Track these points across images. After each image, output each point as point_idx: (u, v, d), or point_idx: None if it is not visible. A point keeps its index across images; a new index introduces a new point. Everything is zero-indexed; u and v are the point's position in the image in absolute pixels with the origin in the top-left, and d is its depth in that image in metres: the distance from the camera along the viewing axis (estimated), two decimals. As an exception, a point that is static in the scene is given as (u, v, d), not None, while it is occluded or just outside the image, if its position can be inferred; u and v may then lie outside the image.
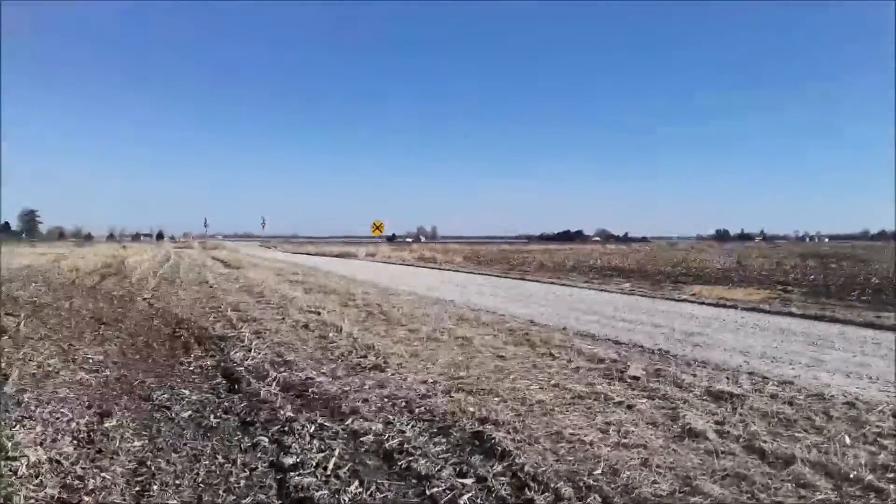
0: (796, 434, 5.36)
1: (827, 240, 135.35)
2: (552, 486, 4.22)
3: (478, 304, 15.45)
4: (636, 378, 7.37)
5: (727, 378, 7.44)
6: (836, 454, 4.81)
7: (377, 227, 53.41)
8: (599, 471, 4.54)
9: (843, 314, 13.58)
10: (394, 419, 5.74)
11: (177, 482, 4.42)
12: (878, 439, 5.23)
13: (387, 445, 5.08)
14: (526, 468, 4.52)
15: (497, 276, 27.85)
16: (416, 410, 6.03)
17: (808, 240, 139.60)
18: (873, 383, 7.43)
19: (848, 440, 5.20)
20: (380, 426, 5.51)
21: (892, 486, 4.24)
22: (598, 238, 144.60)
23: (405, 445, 5.06)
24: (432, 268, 34.78)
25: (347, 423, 5.61)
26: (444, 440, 5.27)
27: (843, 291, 18.60)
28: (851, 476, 4.43)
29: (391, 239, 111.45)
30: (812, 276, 24.48)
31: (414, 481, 4.47)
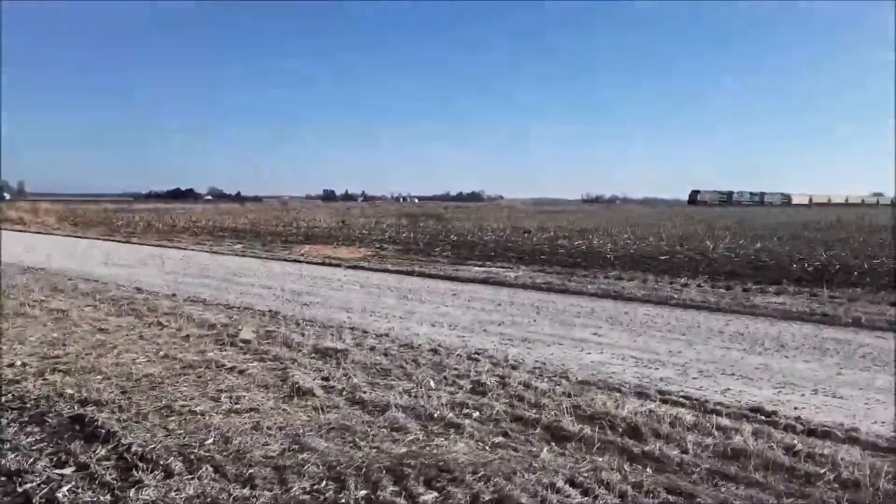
0: (391, 382, 6.01)
1: (417, 200, 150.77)
2: (162, 462, 4.13)
3: (73, 270, 14.01)
4: (247, 342, 7.48)
5: (332, 335, 7.98)
6: (423, 397, 5.54)
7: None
8: (211, 440, 4.57)
9: (429, 269, 15.42)
10: (-31, 413, 5.02)
11: None
12: (456, 380, 6.11)
13: (-38, 444, 4.44)
14: (133, 448, 4.35)
15: (99, 238, 25.47)
16: (2, 400, 5.35)
17: (401, 200, 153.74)
18: (453, 330, 8.63)
19: (433, 383, 6.00)
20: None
21: (466, 421, 5.02)
22: (210, 197, 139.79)
23: (-12, 442, 4.48)
24: (20, 231, 30.34)
25: None
26: (37, 429, 4.79)
27: (430, 248, 20.98)
28: (435, 415, 5.13)
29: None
30: (405, 235, 27.09)
31: (3, 479, 4.00)
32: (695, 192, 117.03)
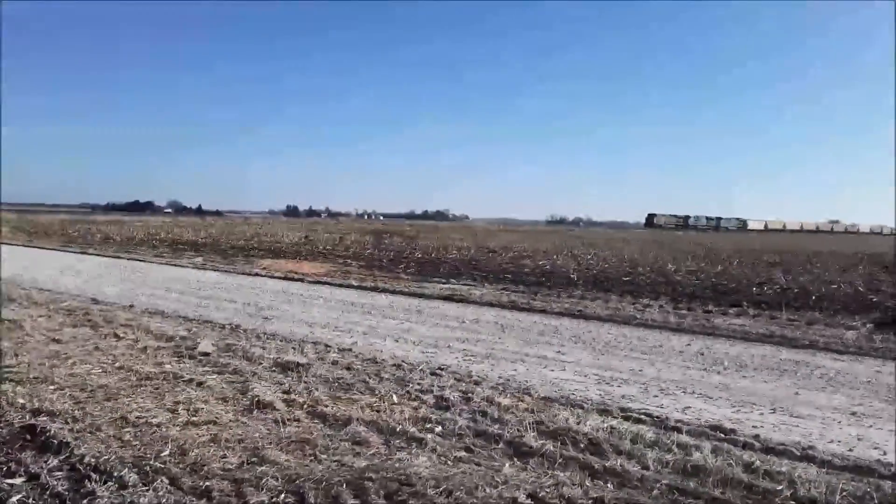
0: (353, 397, 5.95)
1: (382, 217, 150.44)
2: (116, 474, 4.03)
3: (26, 280, 13.66)
4: (207, 354, 7.36)
5: (294, 348, 7.88)
6: (386, 412, 5.49)
7: None
8: (167, 452, 4.47)
9: (394, 285, 15.37)
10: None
11: None
12: (420, 395, 6.08)
13: None
14: (87, 459, 4.23)
15: (55, 249, 24.92)
16: (-52, 409, 5.17)
17: (366, 217, 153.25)
18: (416, 346, 8.59)
19: (396, 398, 5.96)
20: None
21: (429, 436, 4.99)
22: (170, 210, 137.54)
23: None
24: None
25: None
26: (-13, 439, 4.63)
27: (394, 265, 20.91)
28: (398, 430, 5.08)
29: None
30: (369, 251, 26.98)
31: (-54, 490, 3.86)
32: (651, 216, 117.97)
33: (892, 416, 6.03)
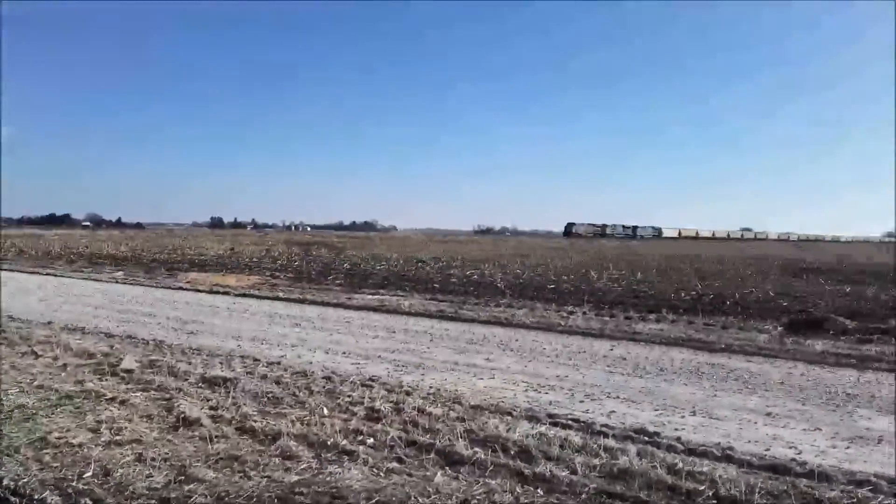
0: (283, 411, 5.89)
1: (309, 228, 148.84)
2: (37, 497, 3.90)
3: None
4: (130, 371, 7.15)
5: (221, 363, 7.74)
6: (316, 425, 5.46)
7: None
8: (90, 473, 4.33)
9: (321, 297, 15.25)
10: None
11: None
12: (350, 407, 6.07)
13: None
14: (5, 482, 4.08)
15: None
16: None
17: (293, 228, 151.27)
18: (346, 358, 8.55)
19: (326, 411, 5.92)
20: None
21: (360, 448, 4.99)
22: (88, 223, 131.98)
23: None
24: None
25: None
26: None
27: (322, 276, 20.73)
28: (329, 443, 5.06)
29: None
30: (297, 263, 26.65)
31: None
32: (570, 225, 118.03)
33: (805, 416, 6.36)
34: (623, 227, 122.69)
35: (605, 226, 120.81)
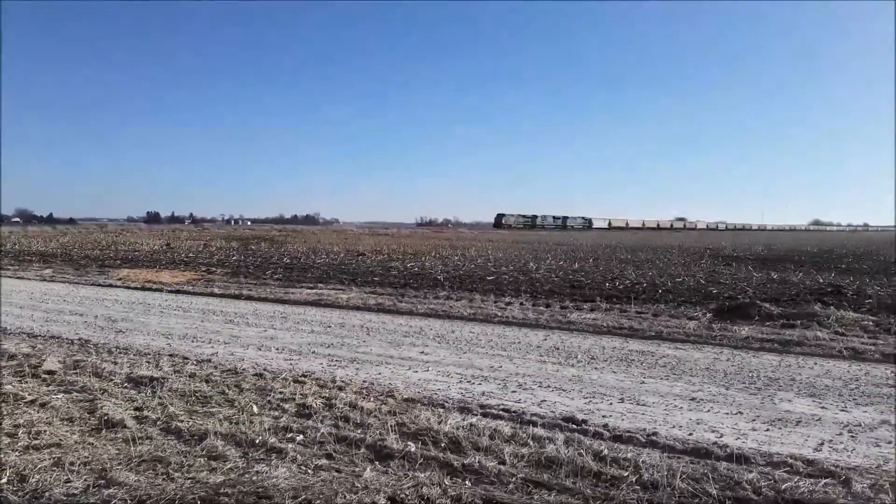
0: (211, 410, 5.78)
1: (250, 223, 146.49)
2: (-58, 509, 3.73)
3: None
4: (52, 373, 6.91)
5: (148, 362, 7.55)
6: (245, 423, 5.38)
7: None
8: (4, 479, 4.17)
9: (258, 292, 15.02)
10: None
11: None
12: (281, 404, 5.99)
13: None
14: None
15: None
16: None
17: (233, 223, 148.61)
18: (280, 354, 8.45)
19: (256, 409, 5.84)
20: None
21: (290, 445, 4.94)
22: (17, 219, 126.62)
23: None
24: None
25: None
26: None
27: (260, 271, 20.42)
28: (257, 441, 5.00)
29: None
30: (235, 258, 26.20)
31: None
32: (500, 216, 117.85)
33: (728, 400, 6.56)
34: (553, 217, 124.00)
35: (535, 217, 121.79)
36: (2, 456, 4.59)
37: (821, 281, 18.12)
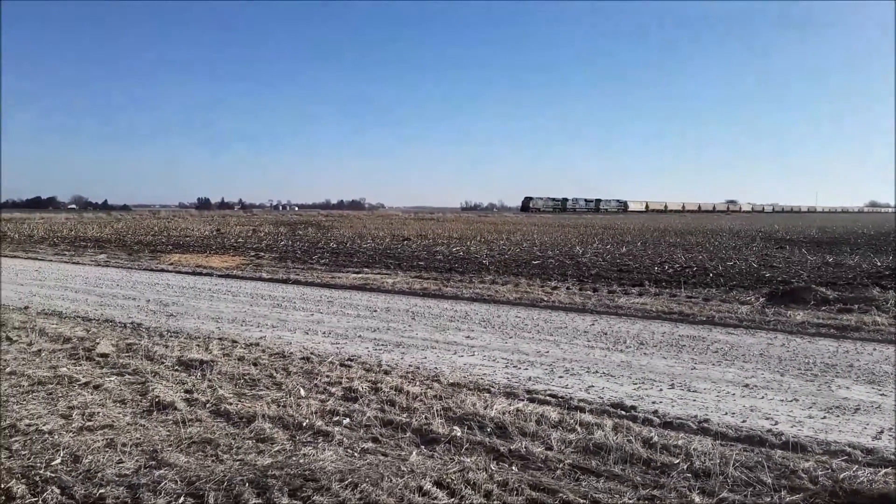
0: (259, 392, 5.84)
1: (297, 208, 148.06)
2: (3, 486, 3.82)
3: None
4: (105, 356, 7.07)
5: (198, 345, 7.67)
6: (292, 406, 5.41)
7: None
8: (59, 460, 4.27)
9: (305, 276, 15.16)
10: None
11: None
12: (328, 388, 6.02)
13: None
14: (-31, 472, 4.00)
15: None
16: None
17: (280, 208, 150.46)
18: (326, 338, 8.50)
19: (303, 392, 5.88)
20: None
21: (336, 428, 4.95)
22: (74, 206, 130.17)
23: None
24: None
25: None
26: None
27: (307, 256, 20.60)
28: (304, 424, 5.02)
29: None
30: (283, 243, 26.51)
31: None
32: (528, 199, 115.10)
33: (783, 386, 6.37)
34: (585, 200, 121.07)
35: (565, 200, 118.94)
36: (56, 437, 4.70)
37: (878, 264, 17.54)
